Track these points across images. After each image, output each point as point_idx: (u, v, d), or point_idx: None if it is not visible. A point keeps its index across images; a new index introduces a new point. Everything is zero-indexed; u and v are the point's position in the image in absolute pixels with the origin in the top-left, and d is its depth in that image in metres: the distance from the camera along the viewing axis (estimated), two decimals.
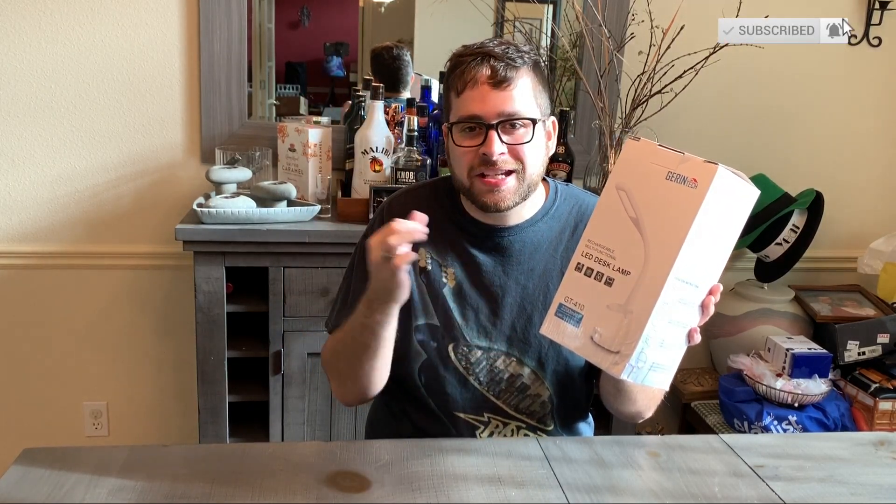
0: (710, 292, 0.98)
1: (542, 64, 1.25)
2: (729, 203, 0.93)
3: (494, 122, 1.17)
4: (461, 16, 2.31)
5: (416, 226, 1.06)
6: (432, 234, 1.28)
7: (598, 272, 0.95)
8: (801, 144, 2.47)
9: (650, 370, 0.95)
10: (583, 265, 0.97)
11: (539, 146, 1.21)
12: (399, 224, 1.05)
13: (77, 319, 2.27)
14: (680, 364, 1.27)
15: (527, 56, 1.19)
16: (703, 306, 0.98)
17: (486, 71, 1.16)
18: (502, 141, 1.17)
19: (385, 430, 1.37)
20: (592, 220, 0.98)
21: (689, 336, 0.99)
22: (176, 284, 2.26)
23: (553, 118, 1.26)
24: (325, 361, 1.30)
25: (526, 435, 1.30)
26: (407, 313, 1.26)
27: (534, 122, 1.19)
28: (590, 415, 1.43)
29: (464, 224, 1.28)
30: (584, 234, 0.98)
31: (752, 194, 0.96)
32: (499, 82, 1.16)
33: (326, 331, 1.33)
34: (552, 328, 0.98)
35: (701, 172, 0.90)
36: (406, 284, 1.09)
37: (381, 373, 1.23)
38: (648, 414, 1.26)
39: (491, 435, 1.29)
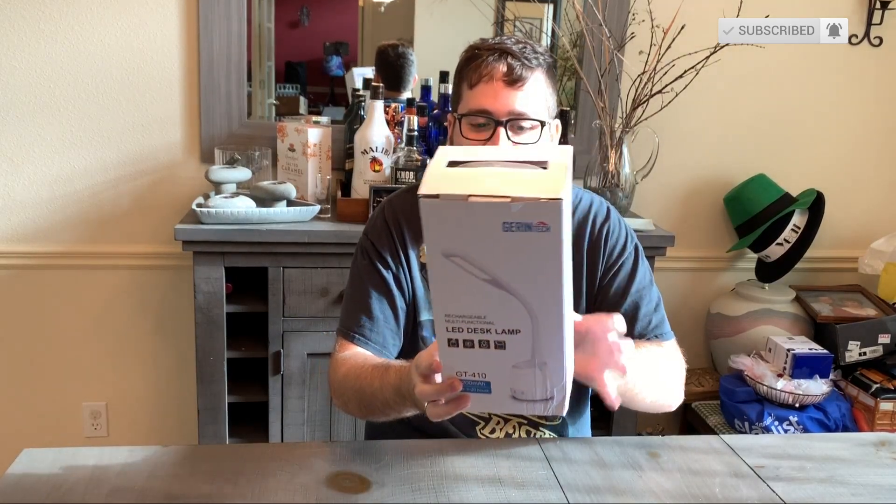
0: None
1: (555, 66, 1.25)
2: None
3: (504, 119, 1.18)
4: (461, 16, 2.32)
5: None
6: None
7: (481, 340, 0.81)
8: (802, 144, 2.46)
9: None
10: (457, 340, 0.82)
11: None
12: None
13: (77, 319, 2.26)
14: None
15: (542, 58, 1.20)
16: None
17: (502, 68, 1.17)
18: (509, 139, 1.18)
19: (383, 426, 1.37)
20: (438, 295, 0.80)
21: None
22: (175, 284, 2.26)
23: (557, 121, 1.27)
24: (338, 390, 1.20)
25: (527, 431, 1.30)
26: (413, 309, 1.27)
27: (542, 123, 1.20)
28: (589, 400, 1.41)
29: None
30: (437, 311, 0.81)
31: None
32: (513, 81, 1.17)
33: (339, 337, 1.26)
34: (473, 404, 0.88)
35: (545, 212, 0.72)
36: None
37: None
38: (671, 398, 1.22)
39: (492, 432, 1.29)
